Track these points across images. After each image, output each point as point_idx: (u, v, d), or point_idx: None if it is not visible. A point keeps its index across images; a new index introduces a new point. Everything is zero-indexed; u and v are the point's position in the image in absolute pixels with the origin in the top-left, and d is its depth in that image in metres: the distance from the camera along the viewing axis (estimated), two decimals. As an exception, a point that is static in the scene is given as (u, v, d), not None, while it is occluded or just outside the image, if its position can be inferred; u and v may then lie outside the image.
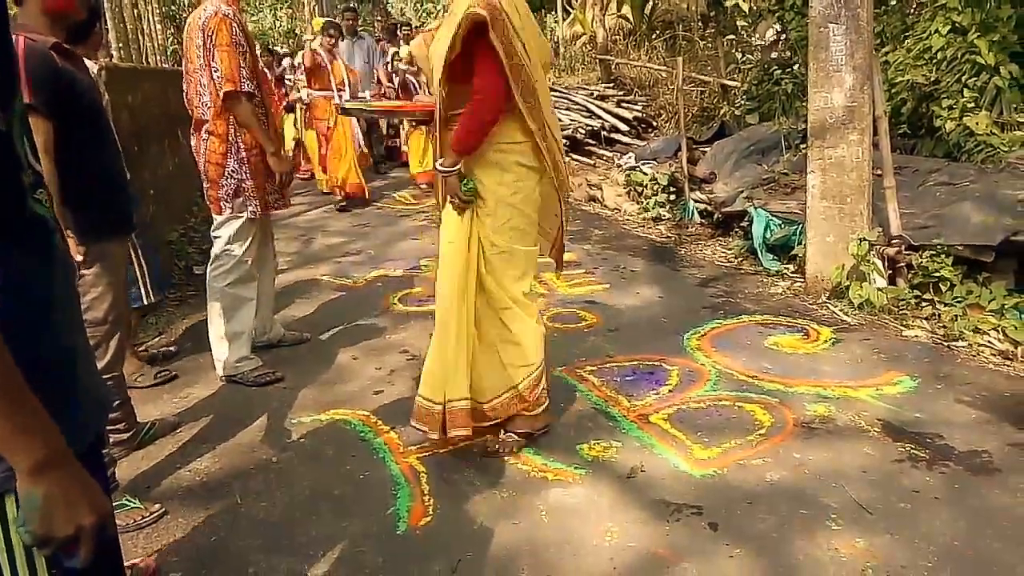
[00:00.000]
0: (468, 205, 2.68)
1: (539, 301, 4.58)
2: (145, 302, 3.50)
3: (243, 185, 3.49)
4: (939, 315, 3.95)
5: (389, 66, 9.26)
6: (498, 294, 2.73)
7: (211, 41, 3.31)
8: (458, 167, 2.64)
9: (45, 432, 0.88)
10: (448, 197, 2.70)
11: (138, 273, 3.40)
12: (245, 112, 3.39)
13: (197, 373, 3.76)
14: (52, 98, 2.22)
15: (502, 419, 2.84)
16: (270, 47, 12.80)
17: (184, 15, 16.23)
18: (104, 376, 2.48)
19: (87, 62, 2.69)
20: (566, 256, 5.53)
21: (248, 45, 3.42)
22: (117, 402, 2.75)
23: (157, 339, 4.33)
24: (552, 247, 3.06)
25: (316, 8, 27.22)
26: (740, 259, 5.42)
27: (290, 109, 9.99)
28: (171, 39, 16.30)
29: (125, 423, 2.87)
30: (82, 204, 2.40)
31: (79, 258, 2.44)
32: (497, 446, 2.84)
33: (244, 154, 3.47)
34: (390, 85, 9.15)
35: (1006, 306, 3.77)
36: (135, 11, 12.81)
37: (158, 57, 15.41)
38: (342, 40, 8.67)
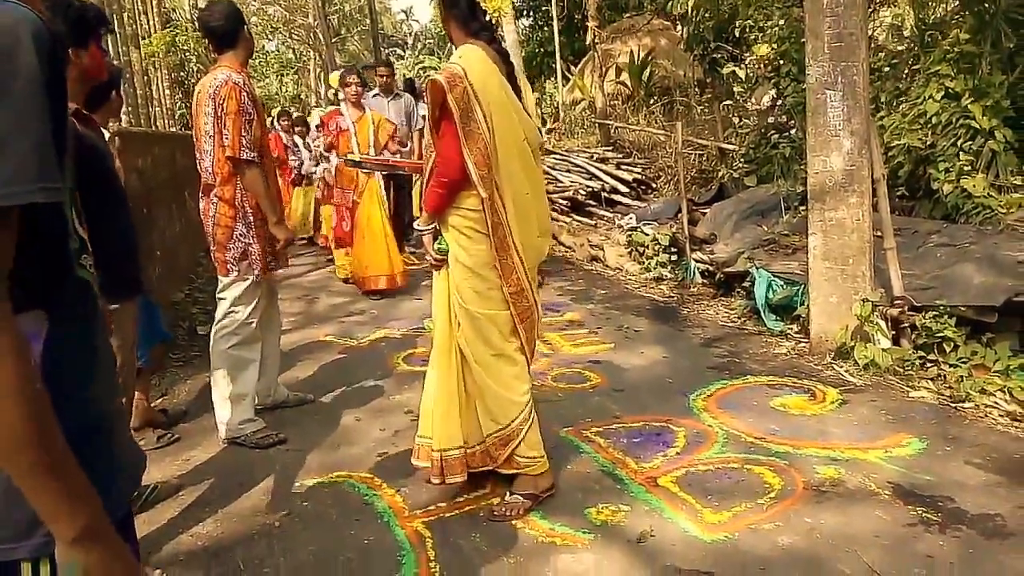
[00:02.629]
0: (441, 263, 2.87)
1: (542, 361, 4.61)
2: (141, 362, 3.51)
3: (250, 249, 3.53)
4: (944, 376, 3.94)
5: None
6: (466, 350, 2.84)
7: (222, 109, 3.39)
8: (432, 226, 2.86)
9: (88, 501, 0.88)
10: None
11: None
12: (251, 177, 3.46)
13: (200, 435, 3.73)
14: (72, 165, 2.26)
15: (487, 467, 2.91)
16: (288, 110, 12.57)
17: (192, 81, 16.64)
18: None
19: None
20: (568, 315, 5.63)
21: (256, 112, 3.50)
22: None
23: (160, 400, 4.31)
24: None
25: (321, 74, 27.90)
26: (743, 319, 5.43)
27: (297, 183, 9.67)
28: (179, 104, 16.66)
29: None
30: (99, 268, 2.43)
31: None
32: (504, 509, 2.81)
33: (251, 219, 3.52)
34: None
35: (1011, 367, 3.77)
36: (145, 76, 13.12)
37: (166, 121, 15.72)
38: (371, 92, 7.53)
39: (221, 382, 3.63)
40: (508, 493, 2.87)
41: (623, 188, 9.35)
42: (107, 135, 3.50)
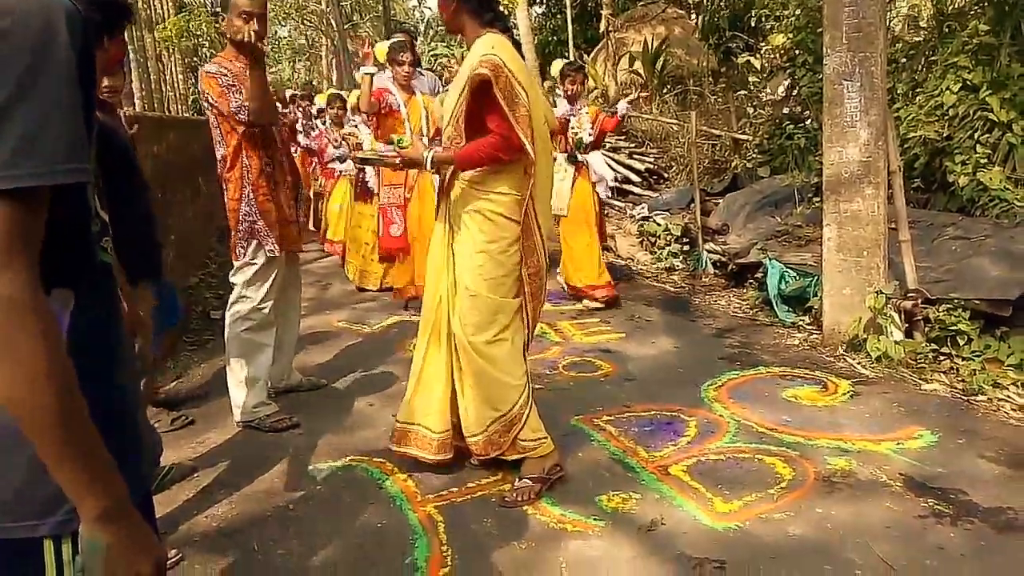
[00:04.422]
0: (397, 164, 3.06)
1: (553, 349, 4.62)
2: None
3: (255, 226, 3.52)
4: (957, 369, 3.93)
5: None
6: (460, 337, 2.84)
7: (208, 100, 3.45)
8: (438, 168, 2.92)
9: (112, 480, 0.90)
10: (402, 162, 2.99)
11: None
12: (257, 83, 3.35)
13: (215, 419, 3.77)
14: (93, 148, 2.28)
15: (490, 456, 2.91)
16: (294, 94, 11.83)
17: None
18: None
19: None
20: (579, 305, 5.62)
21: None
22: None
23: (174, 384, 4.34)
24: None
25: (334, 60, 27.88)
26: (755, 310, 5.43)
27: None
28: (191, 89, 16.70)
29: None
30: (120, 251, 2.45)
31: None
32: (516, 495, 2.83)
33: (252, 195, 3.51)
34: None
35: (1025, 361, 3.76)
36: (158, 62, 13.16)
37: (179, 106, 15.78)
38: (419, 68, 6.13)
39: (235, 366, 3.66)
40: (517, 478, 2.89)
41: (635, 178, 9.32)
42: (123, 118, 3.53)
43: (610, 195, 6.05)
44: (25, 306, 0.82)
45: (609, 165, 9.34)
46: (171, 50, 14.64)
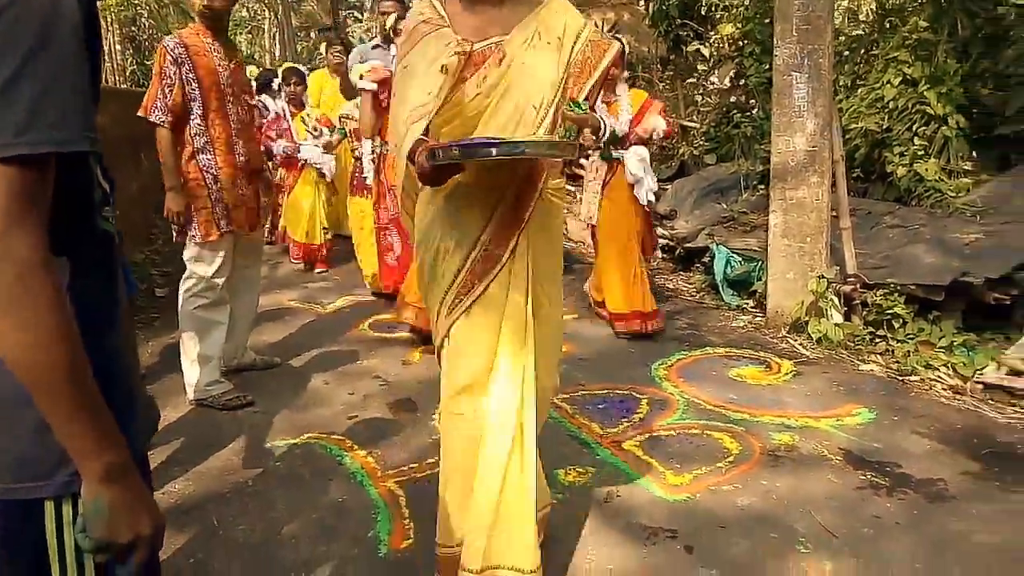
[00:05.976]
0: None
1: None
2: None
3: (191, 211, 3.50)
4: (893, 351, 4.13)
5: None
6: (541, 396, 2.11)
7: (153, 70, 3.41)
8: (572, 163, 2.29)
9: (115, 441, 0.92)
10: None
11: None
12: (159, 138, 3.41)
13: (166, 396, 3.71)
14: None
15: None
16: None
17: (144, 37, 16.11)
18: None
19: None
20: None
21: (198, 76, 3.39)
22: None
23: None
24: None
25: (277, 34, 27.23)
26: (702, 293, 5.58)
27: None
28: (130, 60, 16.12)
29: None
30: None
31: None
32: None
33: (184, 180, 3.49)
34: None
35: (955, 343, 3.97)
36: (96, 31, 12.66)
37: (117, 78, 15.23)
38: (369, 42, 5.64)
39: (188, 343, 3.61)
40: None
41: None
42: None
43: (653, 201, 4.68)
44: (36, 267, 0.83)
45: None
46: (109, 21, 14.10)
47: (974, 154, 5.48)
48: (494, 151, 1.71)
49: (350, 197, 5.58)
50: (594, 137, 2.01)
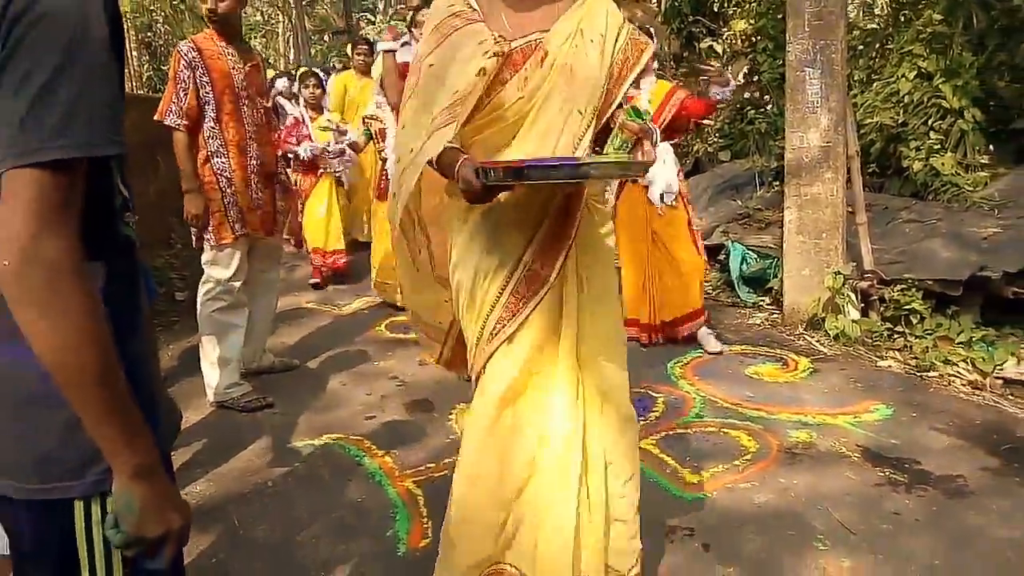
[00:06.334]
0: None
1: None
2: None
3: (208, 214, 3.53)
4: (911, 347, 4.11)
5: None
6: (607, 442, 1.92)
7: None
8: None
9: (145, 439, 0.95)
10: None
11: None
12: (175, 142, 3.46)
13: (187, 399, 3.75)
14: None
15: None
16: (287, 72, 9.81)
17: (160, 43, 16.26)
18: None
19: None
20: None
21: (211, 79, 3.44)
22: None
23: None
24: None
25: (291, 38, 27.38)
26: (717, 291, 5.56)
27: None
28: (146, 66, 16.29)
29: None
30: None
31: None
32: None
33: (214, 176, 3.53)
34: None
35: (974, 338, 3.95)
36: (112, 38, 12.80)
37: (134, 83, 15.38)
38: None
39: (207, 346, 3.66)
40: None
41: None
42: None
43: (670, 203, 4.23)
44: (71, 270, 0.86)
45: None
46: (125, 27, 14.24)
47: (991, 148, 5.44)
48: (555, 173, 1.52)
49: (376, 202, 5.30)
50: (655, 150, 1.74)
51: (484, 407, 1.84)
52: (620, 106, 1.85)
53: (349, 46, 6.33)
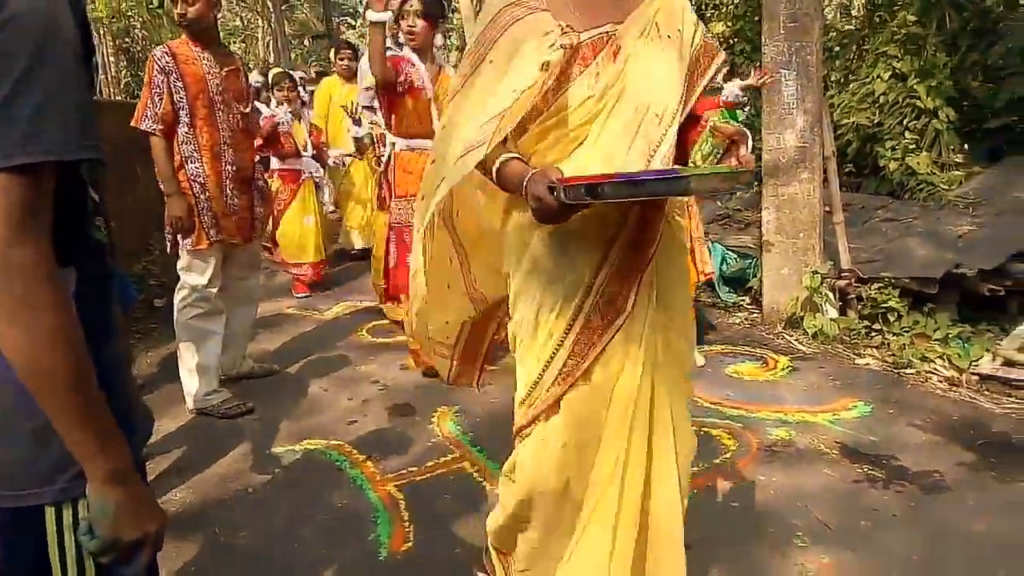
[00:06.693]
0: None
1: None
2: None
3: (192, 215, 3.50)
4: (888, 344, 4.15)
5: None
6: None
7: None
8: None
9: (121, 443, 0.95)
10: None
11: None
12: (153, 147, 3.43)
13: (166, 406, 3.73)
14: None
15: None
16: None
17: (137, 48, 16.14)
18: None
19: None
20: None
21: (185, 84, 3.41)
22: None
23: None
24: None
25: (270, 42, 27.26)
26: (698, 291, 5.58)
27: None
28: (124, 71, 16.17)
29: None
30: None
31: None
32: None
33: (188, 182, 3.49)
34: None
35: (950, 335, 4.00)
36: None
37: (111, 89, 15.26)
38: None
39: (185, 353, 3.63)
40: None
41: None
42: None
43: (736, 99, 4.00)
44: (42, 275, 0.86)
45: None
46: (101, 32, 14.11)
47: (965, 147, 5.51)
48: (648, 189, 1.32)
49: (377, 211, 4.80)
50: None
51: (560, 456, 1.67)
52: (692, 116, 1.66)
53: (332, 51, 6.30)
